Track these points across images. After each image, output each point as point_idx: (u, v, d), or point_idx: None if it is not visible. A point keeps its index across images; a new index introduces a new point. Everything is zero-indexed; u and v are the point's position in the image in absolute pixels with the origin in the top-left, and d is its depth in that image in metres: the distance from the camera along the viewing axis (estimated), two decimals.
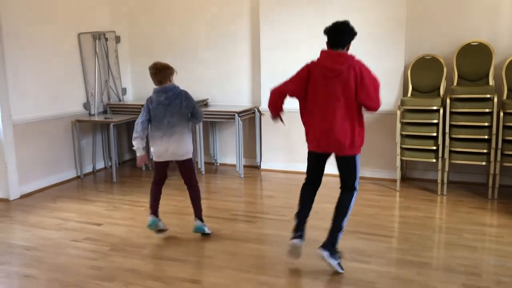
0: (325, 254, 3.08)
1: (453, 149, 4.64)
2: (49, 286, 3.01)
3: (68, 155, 5.65)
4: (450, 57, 4.94)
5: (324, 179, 3.48)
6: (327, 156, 3.26)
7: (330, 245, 3.12)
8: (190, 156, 3.72)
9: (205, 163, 6.02)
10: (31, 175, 5.15)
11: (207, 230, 3.76)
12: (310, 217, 4.06)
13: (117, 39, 6.37)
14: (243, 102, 6.05)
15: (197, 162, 5.92)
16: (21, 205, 4.72)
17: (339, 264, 3.13)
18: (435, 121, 4.66)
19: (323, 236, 3.70)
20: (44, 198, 4.92)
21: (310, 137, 3.24)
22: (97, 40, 5.97)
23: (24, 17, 4.97)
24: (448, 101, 4.59)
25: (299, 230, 3.27)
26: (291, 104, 3.99)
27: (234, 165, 5.91)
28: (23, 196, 4.97)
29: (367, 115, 3.26)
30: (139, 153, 3.64)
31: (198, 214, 3.76)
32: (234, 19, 5.94)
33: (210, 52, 6.13)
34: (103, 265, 3.28)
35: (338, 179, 3.32)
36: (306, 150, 3.46)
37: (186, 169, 3.73)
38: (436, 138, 4.70)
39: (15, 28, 4.86)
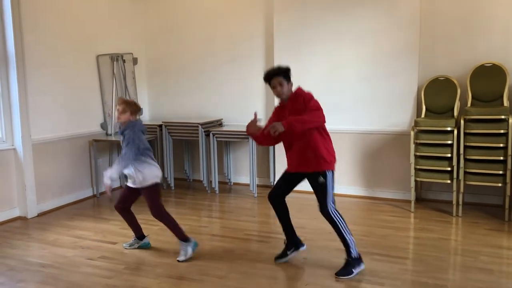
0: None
1: (468, 170, 4.61)
2: None
3: (85, 174, 5.75)
4: (464, 78, 4.94)
5: (337, 199, 3.53)
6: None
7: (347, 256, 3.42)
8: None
9: (219, 182, 6.06)
10: (49, 194, 5.24)
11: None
12: (323, 237, 4.05)
13: (135, 61, 6.52)
14: None
15: (211, 182, 5.97)
16: (38, 223, 4.80)
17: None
18: (449, 142, 4.64)
19: (338, 257, 3.69)
20: (61, 216, 4.99)
21: None
22: (115, 62, 6.12)
23: (44, 39, 5.13)
24: (462, 122, 4.58)
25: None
26: None
27: (248, 185, 5.93)
28: (41, 214, 5.05)
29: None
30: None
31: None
32: (248, 40, 6.04)
33: (225, 73, 6.23)
34: (117, 284, 3.31)
35: (352, 200, 3.33)
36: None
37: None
38: (450, 159, 4.68)
39: (36, 50, 5.02)
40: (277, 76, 3.33)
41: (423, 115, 5.07)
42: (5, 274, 3.52)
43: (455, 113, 4.89)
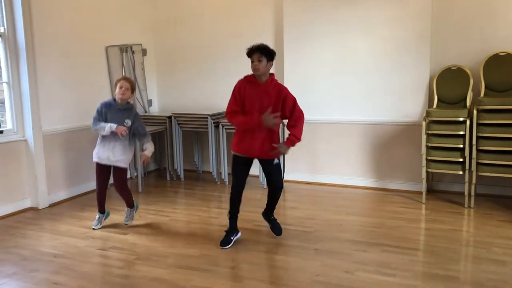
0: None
1: (480, 161, 4.56)
2: None
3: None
4: (477, 68, 4.87)
5: (344, 190, 3.50)
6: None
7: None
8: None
9: (229, 174, 6.04)
10: (60, 185, 5.27)
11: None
12: (333, 228, 4.05)
13: (144, 52, 6.51)
14: None
15: (220, 173, 5.97)
16: (50, 213, 4.84)
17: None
18: (461, 132, 4.59)
19: (348, 248, 3.69)
20: (72, 207, 5.03)
21: None
22: (124, 53, 6.12)
23: (54, 31, 5.14)
24: (475, 112, 4.52)
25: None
26: (314, 115, 4.00)
27: (257, 176, 5.92)
28: (52, 205, 5.09)
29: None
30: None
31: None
32: (258, 31, 5.99)
33: (234, 64, 6.19)
34: (128, 274, 3.33)
35: (362, 191, 3.30)
36: (330, 162, 3.55)
37: None
38: (462, 150, 4.62)
39: (45, 42, 5.03)
40: (258, 51, 3.52)
41: (435, 106, 5.01)
42: (19, 263, 3.56)
43: (468, 103, 4.82)
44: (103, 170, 4.21)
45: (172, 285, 3.14)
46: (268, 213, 4.05)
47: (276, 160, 3.71)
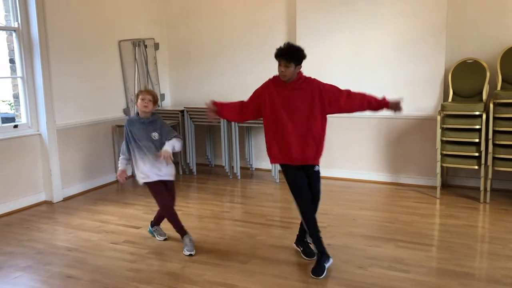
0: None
1: (496, 155, 4.48)
2: (91, 287, 3.09)
3: (108, 159, 5.81)
4: (493, 61, 4.78)
5: (358, 184, 3.44)
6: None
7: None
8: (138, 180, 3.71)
9: (241, 168, 6.06)
10: (73, 179, 5.32)
11: (157, 238, 3.91)
12: (346, 223, 4.02)
13: (156, 46, 6.51)
14: None
15: (233, 167, 5.97)
16: (63, 207, 4.88)
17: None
18: (477, 126, 4.51)
19: (362, 243, 3.66)
20: (85, 201, 5.07)
21: None
22: (136, 47, 6.13)
23: (67, 25, 5.16)
24: (491, 106, 4.44)
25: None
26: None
27: (270, 170, 5.91)
28: (66, 199, 5.14)
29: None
30: None
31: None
32: (270, 24, 5.96)
33: (246, 58, 6.17)
34: (141, 268, 3.34)
35: (376, 186, 3.25)
36: (343, 156, 3.46)
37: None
38: (478, 144, 4.55)
39: (59, 36, 5.05)
40: (286, 57, 3.18)
41: (450, 99, 4.93)
42: (33, 257, 3.59)
43: (484, 97, 4.74)
44: (159, 185, 3.69)
45: (185, 280, 3.14)
46: (303, 234, 3.50)
47: (317, 167, 3.29)
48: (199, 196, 5.18)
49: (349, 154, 5.57)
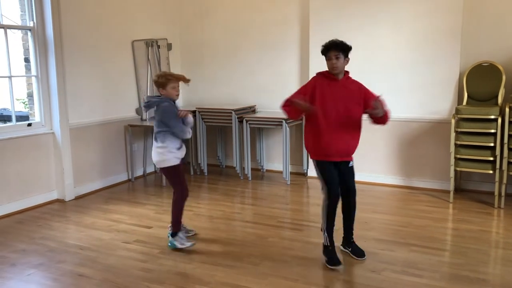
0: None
1: None
2: (102, 286, 3.10)
3: (120, 158, 5.83)
4: (510, 64, 4.72)
5: (370, 188, 3.43)
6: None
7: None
8: (163, 165, 3.69)
9: (252, 169, 6.04)
10: (85, 177, 5.34)
11: (178, 245, 3.66)
12: (358, 226, 3.98)
13: (169, 46, 6.53)
14: None
15: (243, 168, 5.96)
16: (75, 206, 4.91)
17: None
18: (492, 130, 4.45)
19: (374, 247, 3.62)
20: (97, 200, 5.09)
21: None
22: (149, 47, 6.15)
23: (82, 25, 5.19)
24: (507, 110, 4.38)
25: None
26: None
27: (281, 172, 5.89)
28: (78, 198, 5.16)
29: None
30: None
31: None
32: (283, 25, 5.94)
33: (259, 59, 6.16)
34: (153, 268, 3.35)
35: (388, 189, 3.23)
36: (356, 159, 3.47)
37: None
38: (493, 148, 4.49)
39: (73, 36, 5.08)
40: (335, 48, 3.26)
41: (464, 103, 4.88)
42: (46, 255, 3.62)
43: (499, 101, 4.68)
44: (181, 170, 3.78)
45: (196, 280, 3.14)
46: (348, 234, 3.57)
47: (351, 163, 3.42)
48: (210, 197, 5.17)
49: (362, 157, 5.49)
